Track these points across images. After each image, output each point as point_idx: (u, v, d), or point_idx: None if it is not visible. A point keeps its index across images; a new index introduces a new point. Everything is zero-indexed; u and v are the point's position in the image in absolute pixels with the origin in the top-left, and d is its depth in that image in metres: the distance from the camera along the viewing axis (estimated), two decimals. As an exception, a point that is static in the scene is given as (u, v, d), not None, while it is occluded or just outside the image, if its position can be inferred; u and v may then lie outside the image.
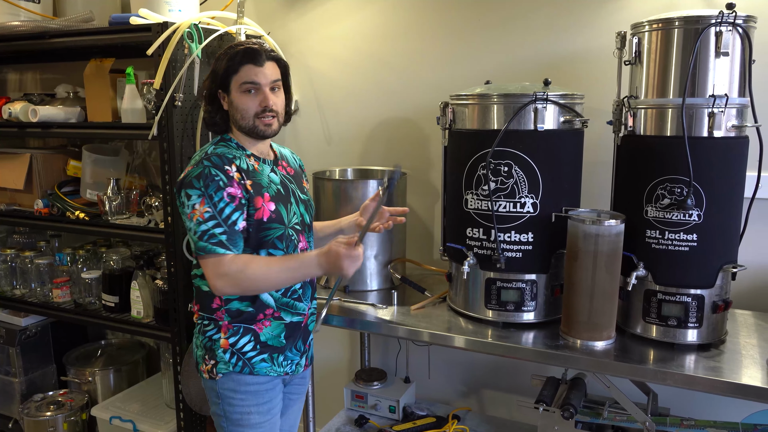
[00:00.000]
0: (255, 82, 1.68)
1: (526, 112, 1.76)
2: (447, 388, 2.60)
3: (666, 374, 1.58)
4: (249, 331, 1.73)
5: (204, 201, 1.61)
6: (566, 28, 2.18)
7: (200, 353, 1.78)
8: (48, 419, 2.70)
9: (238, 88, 1.69)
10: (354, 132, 2.61)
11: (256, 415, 1.76)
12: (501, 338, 1.79)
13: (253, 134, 1.73)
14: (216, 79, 1.71)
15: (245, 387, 1.74)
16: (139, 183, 2.83)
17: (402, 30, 2.46)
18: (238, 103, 1.70)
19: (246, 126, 1.71)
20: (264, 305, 1.74)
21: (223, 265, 1.60)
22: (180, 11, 2.37)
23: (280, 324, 1.76)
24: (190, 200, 1.62)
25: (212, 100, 1.74)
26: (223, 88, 1.71)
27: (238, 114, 1.71)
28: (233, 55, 1.68)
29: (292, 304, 1.78)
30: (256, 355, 1.74)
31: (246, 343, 1.73)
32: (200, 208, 1.61)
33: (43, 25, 2.49)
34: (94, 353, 3.09)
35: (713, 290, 1.69)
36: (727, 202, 1.66)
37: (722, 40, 1.59)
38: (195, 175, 1.62)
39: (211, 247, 1.60)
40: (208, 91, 1.74)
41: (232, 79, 1.69)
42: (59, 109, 2.58)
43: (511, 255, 1.82)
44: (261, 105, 1.70)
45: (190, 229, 1.63)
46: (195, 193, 1.61)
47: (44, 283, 2.82)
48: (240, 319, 1.73)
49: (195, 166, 1.65)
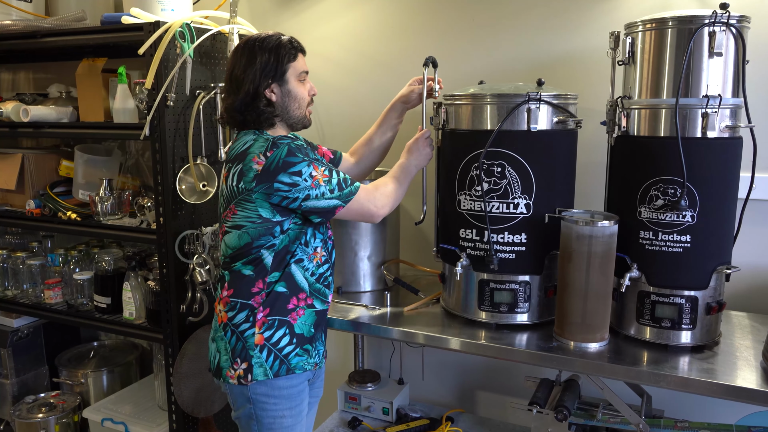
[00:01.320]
0: (308, 71, 1.77)
1: (520, 113, 1.75)
2: (441, 389, 2.59)
3: (660, 376, 1.57)
4: (284, 323, 1.74)
5: (315, 165, 1.66)
6: (560, 28, 2.17)
7: (226, 357, 1.75)
8: (40, 421, 2.69)
9: (297, 77, 1.73)
10: (347, 132, 2.59)
11: (289, 418, 1.76)
12: (494, 340, 1.78)
13: (299, 124, 1.79)
14: (271, 70, 1.69)
15: (278, 391, 1.74)
16: (132, 183, 2.81)
17: (395, 30, 2.45)
18: (297, 92, 1.73)
19: (299, 115, 1.76)
20: (298, 288, 1.76)
21: (369, 193, 1.74)
22: (173, 11, 2.36)
23: (312, 312, 1.79)
24: (302, 175, 1.63)
25: (259, 94, 1.70)
26: (279, 78, 1.71)
27: (296, 103, 1.74)
28: (287, 44, 1.71)
29: (322, 290, 1.82)
30: (292, 350, 1.75)
31: (281, 336, 1.74)
32: (318, 172, 1.65)
33: (35, 25, 2.47)
34: (86, 354, 3.07)
35: (707, 292, 1.68)
36: (721, 203, 1.65)
37: (716, 40, 1.58)
38: (286, 155, 1.63)
39: (353, 186, 1.70)
40: (259, 85, 1.69)
41: (289, 67, 1.71)
42: (51, 109, 2.57)
43: (504, 256, 1.81)
44: (310, 93, 1.78)
45: (320, 196, 1.66)
46: (301, 166, 1.63)
47: (36, 284, 2.81)
48: (276, 307, 1.73)
49: (272, 151, 1.63)
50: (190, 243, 2.30)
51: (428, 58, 1.90)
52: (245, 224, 1.70)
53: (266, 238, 1.70)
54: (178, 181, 2.27)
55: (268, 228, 1.69)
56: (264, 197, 1.65)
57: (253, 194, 1.65)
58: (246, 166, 1.65)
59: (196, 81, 2.30)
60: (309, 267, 1.78)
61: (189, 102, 2.28)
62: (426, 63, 1.89)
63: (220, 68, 2.43)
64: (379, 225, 2.18)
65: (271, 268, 1.72)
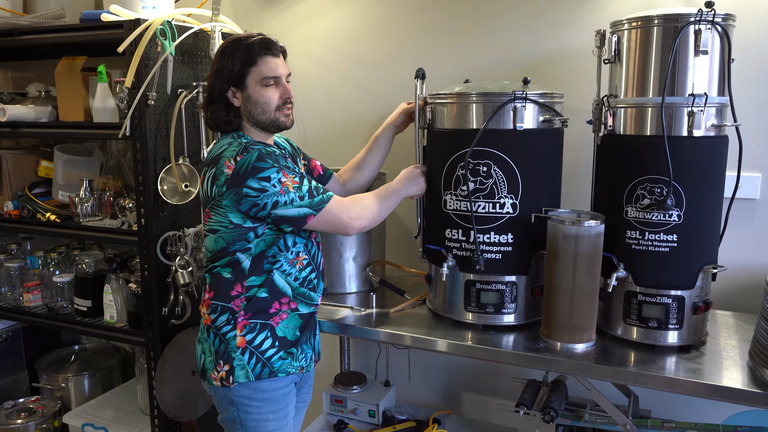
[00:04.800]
0: (276, 75, 1.67)
1: (505, 111, 1.73)
2: (428, 391, 2.57)
3: (646, 377, 1.56)
4: (266, 327, 1.71)
5: (285, 172, 1.61)
6: (546, 27, 2.16)
7: (210, 359, 1.73)
8: (19, 427, 2.63)
9: (259, 82, 1.66)
10: (332, 132, 2.57)
11: (273, 421, 1.73)
12: (481, 341, 1.77)
13: (272, 128, 1.72)
14: (229, 76, 1.65)
15: (261, 394, 1.71)
16: (114, 184, 2.76)
17: (380, 29, 2.42)
18: (258, 98, 1.67)
19: (266, 120, 1.69)
20: (280, 293, 1.72)
21: (342, 203, 1.68)
22: (154, 8, 2.32)
23: (295, 316, 1.76)
24: (270, 181, 1.59)
25: (219, 98, 1.67)
26: (238, 84, 1.66)
27: (258, 108, 1.67)
28: (248, 48, 1.64)
29: (307, 294, 1.78)
30: (274, 354, 1.72)
31: (263, 339, 1.71)
32: (287, 179, 1.60)
33: (13, 22, 2.42)
34: (67, 358, 3.01)
35: (693, 291, 1.67)
36: (707, 202, 1.64)
37: (701, 38, 1.57)
38: (255, 160, 1.59)
39: (325, 195, 1.65)
40: (216, 90, 1.67)
41: (249, 72, 1.65)
42: (29, 109, 2.51)
43: (490, 256, 1.79)
44: (282, 97, 1.70)
45: (289, 203, 1.61)
46: (270, 171, 1.59)
47: (15, 287, 2.74)
48: (257, 311, 1.70)
49: (242, 155, 1.60)
50: (172, 244, 2.26)
51: (418, 71, 1.88)
52: (219, 229, 1.68)
53: (241, 243, 1.67)
54: (159, 182, 2.23)
55: (241, 233, 1.66)
56: (234, 203, 1.62)
57: (224, 200, 1.63)
58: (218, 170, 1.63)
59: (178, 80, 2.26)
60: (291, 272, 1.74)
61: (171, 101, 2.24)
62: (417, 75, 1.88)
63: (203, 67, 2.39)
64: (365, 225, 2.16)
65: (249, 272, 1.69)
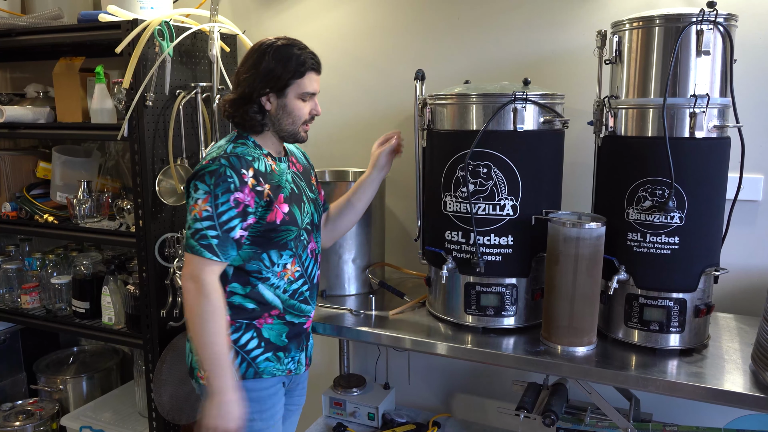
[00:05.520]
0: (314, 92, 1.68)
1: (506, 112, 1.72)
2: (427, 394, 2.55)
3: (648, 380, 1.54)
4: (251, 327, 1.69)
5: (208, 199, 1.55)
6: (547, 27, 2.15)
7: (197, 357, 1.69)
8: (17, 429, 2.62)
9: (299, 95, 1.65)
10: (331, 132, 2.56)
11: (259, 421, 1.70)
12: (481, 344, 1.75)
13: (290, 138, 1.71)
14: (274, 81, 1.62)
15: (246, 394, 1.67)
16: (112, 185, 2.76)
17: (380, 29, 2.41)
18: (293, 108, 1.65)
19: (290, 130, 1.68)
20: (269, 306, 1.70)
21: (202, 272, 1.56)
22: (152, 9, 2.30)
23: (281, 324, 1.73)
24: (196, 193, 1.57)
25: (257, 98, 1.64)
26: (278, 90, 1.63)
27: (289, 119, 1.66)
28: (302, 61, 1.62)
29: (297, 306, 1.75)
30: (260, 354, 1.69)
31: (249, 339, 1.69)
32: (201, 205, 1.55)
33: (11, 23, 2.41)
34: (65, 360, 3.01)
35: (695, 294, 1.65)
36: (709, 204, 1.63)
37: (703, 38, 1.56)
38: (209, 171, 1.56)
39: (199, 248, 1.55)
40: (256, 90, 1.63)
41: (293, 83, 1.63)
42: (27, 109, 2.50)
43: (490, 258, 1.77)
44: (311, 113, 1.70)
45: (187, 221, 1.58)
46: (203, 188, 1.56)
47: (13, 289, 2.74)
48: (242, 315, 1.68)
49: (211, 161, 1.58)
50: (170, 246, 2.25)
51: (418, 72, 1.87)
52: None
53: None
54: (157, 183, 2.22)
55: None
56: None
57: None
58: None
59: (176, 80, 2.25)
60: (279, 284, 1.70)
61: (169, 102, 2.23)
62: (416, 77, 1.87)
63: (201, 67, 2.38)
64: (365, 227, 2.15)
65: (231, 278, 1.66)
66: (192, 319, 1.57)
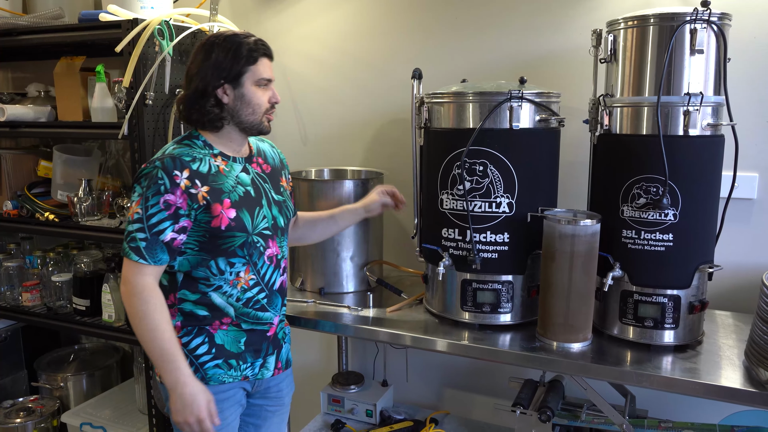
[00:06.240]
0: (270, 78, 1.64)
1: (502, 111, 1.73)
2: (425, 390, 2.57)
3: (643, 376, 1.55)
4: (203, 332, 1.64)
5: (140, 201, 1.54)
6: (543, 27, 2.16)
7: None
8: (17, 426, 2.63)
9: (255, 82, 1.61)
10: (330, 131, 2.57)
11: None
12: (477, 341, 1.76)
13: (254, 130, 1.66)
14: (226, 71, 1.58)
15: None
16: (113, 184, 2.77)
17: (378, 28, 2.43)
18: (252, 97, 1.61)
19: (253, 121, 1.63)
20: (222, 313, 1.65)
21: (132, 275, 1.53)
22: (152, 8, 2.32)
23: (237, 331, 1.67)
24: (133, 196, 1.56)
25: (212, 92, 1.59)
26: (234, 80, 1.59)
27: (249, 109, 1.61)
28: (250, 46, 1.59)
29: (253, 314, 1.68)
30: (209, 360, 1.64)
31: (199, 344, 1.64)
32: (134, 208, 1.54)
33: (12, 22, 2.43)
34: (66, 358, 3.02)
35: (690, 291, 1.67)
36: (703, 201, 1.64)
37: (697, 37, 1.57)
38: (144, 174, 1.56)
39: (128, 251, 1.53)
40: (210, 83, 1.58)
41: (248, 71, 1.59)
42: (28, 108, 2.52)
43: (486, 256, 1.79)
44: (271, 101, 1.65)
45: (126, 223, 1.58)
46: (138, 191, 1.55)
47: (14, 287, 2.75)
48: (193, 321, 1.64)
49: (149, 164, 1.57)
50: (170, 244, 2.26)
51: (415, 71, 1.88)
52: None
53: None
54: (157, 181, 2.23)
55: None
56: None
57: None
58: None
59: (176, 80, 2.26)
60: (232, 293, 1.65)
61: (169, 101, 2.25)
62: (414, 76, 1.87)
63: (201, 67, 2.39)
64: (363, 226, 2.16)
65: (181, 285, 1.63)
66: (132, 320, 1.55)
